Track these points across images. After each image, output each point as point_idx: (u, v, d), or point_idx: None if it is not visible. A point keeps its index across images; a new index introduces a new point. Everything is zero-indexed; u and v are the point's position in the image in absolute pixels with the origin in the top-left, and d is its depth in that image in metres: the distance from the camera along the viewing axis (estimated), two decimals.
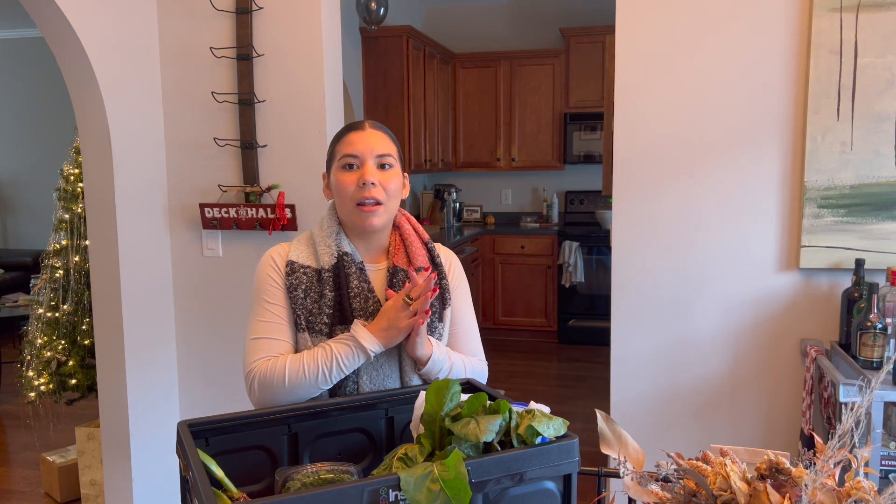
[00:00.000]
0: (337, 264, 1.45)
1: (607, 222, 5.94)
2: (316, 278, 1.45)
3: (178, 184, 3.00)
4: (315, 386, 1.39)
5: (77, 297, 3.20)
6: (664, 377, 2.68)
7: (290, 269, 1.46)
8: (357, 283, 1.44)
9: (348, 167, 1.44)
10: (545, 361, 5.68)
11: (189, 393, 3.09)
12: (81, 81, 2.64)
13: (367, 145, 1.44)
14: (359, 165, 1.44)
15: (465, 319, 1.58)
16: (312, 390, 1.39)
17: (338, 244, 1.47)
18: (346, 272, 1.44)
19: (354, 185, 1.43)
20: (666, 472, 1.04)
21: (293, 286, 1.45)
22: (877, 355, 2.19)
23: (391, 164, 1.46)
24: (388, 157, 1.45)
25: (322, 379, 1.38)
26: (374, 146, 1.44)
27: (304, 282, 1.45)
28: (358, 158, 1.44)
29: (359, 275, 1.45)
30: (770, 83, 2.51)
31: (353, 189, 1.43)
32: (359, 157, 1.44)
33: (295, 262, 1.47)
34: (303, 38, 2.81)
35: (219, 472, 1.09)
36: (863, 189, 2.43)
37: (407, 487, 0.94)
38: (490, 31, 6.41)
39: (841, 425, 0.97)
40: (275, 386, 1.40)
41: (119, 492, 2.90)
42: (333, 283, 1.44)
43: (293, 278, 1.45)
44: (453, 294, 1.55)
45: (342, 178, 1.45)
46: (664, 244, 2.64)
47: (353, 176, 1.44)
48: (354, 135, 1.46)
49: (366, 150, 1.44)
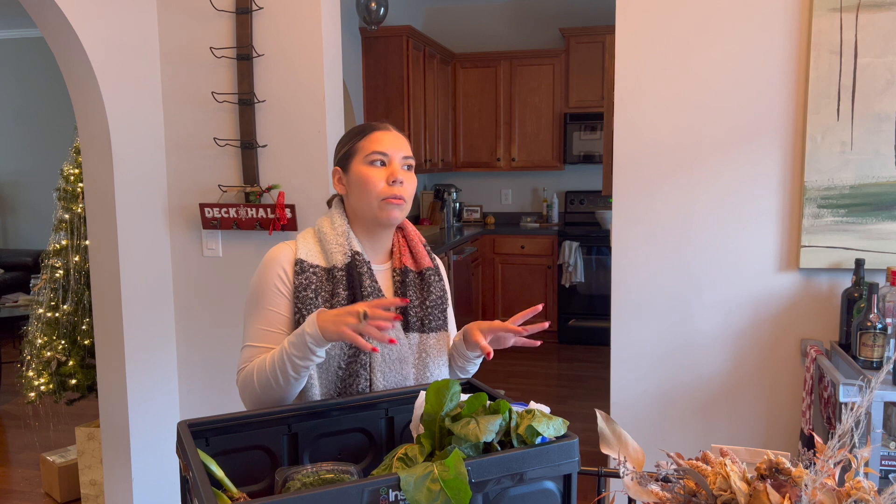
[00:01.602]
0: (350, 263, 1.44)
1: (607, 222, 5.94)
2: (326, 277, 1.44)
3: (178, 184, 3.00)
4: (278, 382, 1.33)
5: (77, 297, 3.20)
6: (664, 377, 2.68)
7: (299, 268, 1.44)
8: (369, 283, 1.44)
9: (378, 163, 1.47)
10: (545, 361, 5.68)
11: (189, 393, 3.09)
12: (81, 81, 2.64)
13: (396, 145, 1.48)
14: (387, 163, 1.47)
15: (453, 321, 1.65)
16: (279, 388, 1.34)
17: (349, 243, 1.47)
18: (358, 271, 1.44)
19: (384, 181, 1.45)
20: (666, 472, 1.04)
21: (302, 286, 1.42)
22: (877, 355, 2.19)
23: (412, 165, 1.51)
24: (411, 158, 1.50)
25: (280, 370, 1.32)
26: (402, 147, 1.49)
27: (314, 281, 1.43)
28: (387, 156, 1.47)
29: (370, 274, 1.45)
30: (770, 83, 2.51)
31: (382, 185, 1.45)
32: (388, 154, 1.47)
33: (304, 261, 1.45)
34: (303, 38, 2.81)
35: (219, 472, 1.09)
36: (863, 189, 2.43)
37: (407, 487, 0.94)
38: (490, 31, 6.41)
39: (841, 425, 0.97)
40: (249, 388, 1.39)
41: (119, 492, 2.90)
42: (347, 282, 1.43)
43: (303, 278, 1.43)
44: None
45: (370, 172, 1.46)
46: (664, 244, 2.64)
47: (382, 172, 1.46)
48: (382, 133, 1.50)
49: (395, 148, 1.48)
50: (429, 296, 1.51)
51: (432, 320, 1.50)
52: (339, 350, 1.40)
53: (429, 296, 1.51)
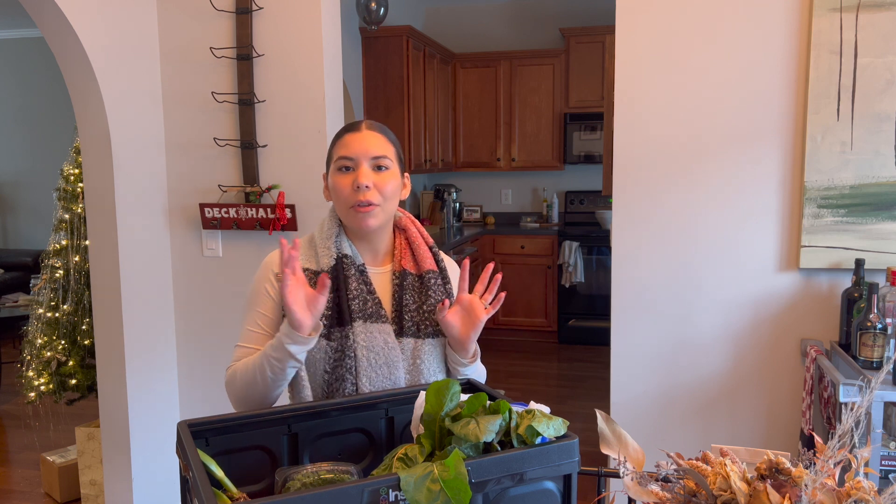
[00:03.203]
0: (336, 266, 1.43)
1: (607, 222, 5.94)
2: (314, 280, 1.43)
3: (178, 184, 3.00)
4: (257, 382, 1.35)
5: (77, 297, 3.20)
6: (664, 377, 2.68)
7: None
8: (356, 286, 1.42)
9: (344, 169, 1.42)
10: (545, 361, 5.68)
11: (189, 393, 3.09)
12: (81, 81, 2.64)
13: (362, 147, 1.41)
14: (354, 168, 1.41)
15: None
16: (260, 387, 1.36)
17: (338, 246, 1.45)
18: (344, 274, 1.43)
19: (350, 187, 1.40)
20: (666, 472, 1.04)
21: None
22: (877, 355, 2.19)
23: (387, 165, 1.43)
24: (383, 158, 1.42)
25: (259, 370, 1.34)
26: (370, 148, 1.41)
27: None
28: (353, 161, 1.41)
29: (358, 277, 1.44)
30: (770, 83, 2.51)
31: (349, 192, 1.40)
32: (353, 159, 1.41)
33: None
34: (303, 38, 2.81)
35: (219, 472, 1.09)
36: (863, 189, 2.43)
37: (407, 487, 0.94)
38: (490, 31, 6.42)
39: (841, 425, 0.97)
40: (233, 386, 1.41)
41: (119, 492, 2.90)
42: (332, 284, 1.42)
43: None
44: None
45: (338, 180, 1.42)
46: (664, 244, 2.64)
47: (348, 178, 1.41)
48: (350, 136, 1.43)
49: (360, 151, 1.41)
50: (427, 300, 1.47)
51: (429, 325, 1.46)
52: (322, 354, 1.40)
53: (427, 300, 1.47)
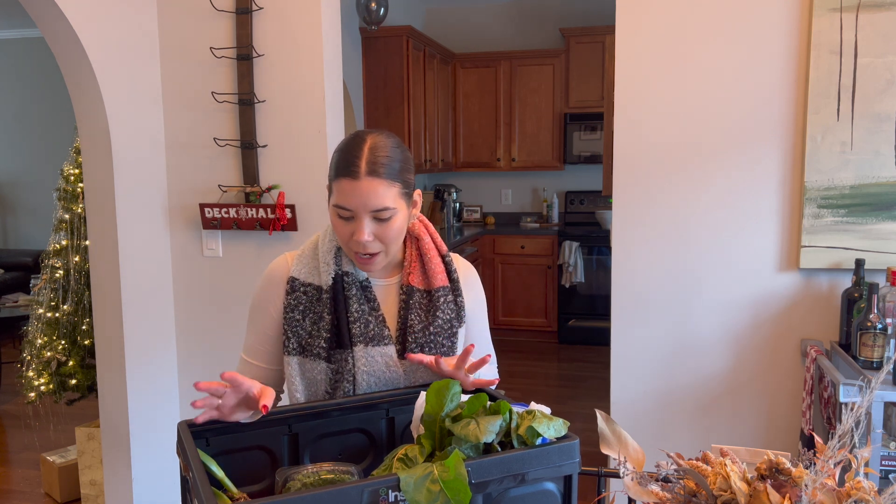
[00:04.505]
0: (335, 285, 1.36)
1: (607, 222, 5.94)
2: (316, 297, 1.38)
3: (178, 184, 3.00)
4: None
5: (77, 297, 3.20)
6: (664, 377, 2.68)
7: (290, 286, 1.39)
8: (357, 307, 1.36)
9: (342, 217, 1.31)
10: (545, 361, 5.67)
11: (189, 393, 3.09)
12: (81, 81, 2.64)
13: (360, 200, 1.27)
14: (353, 219, 1.30)
15: (482, 335, 1.54)
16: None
17: (337, 262, 1.38)
18: (345, 294, 1.36)
19: (348, 235, 1.31)
20: (666, 472, 1.04)
21: (291, 307, 1.38)
22: (877, 355, 2.19)
23: (390, 214, 1.30)
24: (384, 210, 1.29)
25: None
26: (368, 201, 1.27)
27: (303, 301, 1.38)
28: (352, 212, 1.29)
29: (359, 296, 1.37)
30: (770, 83, 2.51)
31: (347, 238, 1.32)
32: (353, 211, 1.29)
33: (296, 279, 1.39)
34: (303, 38, 2.81)
35: (219, 472, 1.09)
36: (863, 189, 2.43)
37: (407, 488, 0.94)
38: (490, 31, 6.41)
39: (841, 425, 0.97)
40: None
41: (119, 492, 2.90)
42: (332, 305, 1.36)
43: (292, 298, 1.38)
44: (471, 311, 1.48)
45: (336, 222, 1.33)
46: (664, 244, 2.64)
47: (347, 227, 1.31)
48: (350, 185, 1.28)
49: (359, 205, 1.28)
50: (434, 320, 1.38)
51: (434, 347, 1.37)
52: (323, 375, 1.37)
53: (434, 320, 1.38)
